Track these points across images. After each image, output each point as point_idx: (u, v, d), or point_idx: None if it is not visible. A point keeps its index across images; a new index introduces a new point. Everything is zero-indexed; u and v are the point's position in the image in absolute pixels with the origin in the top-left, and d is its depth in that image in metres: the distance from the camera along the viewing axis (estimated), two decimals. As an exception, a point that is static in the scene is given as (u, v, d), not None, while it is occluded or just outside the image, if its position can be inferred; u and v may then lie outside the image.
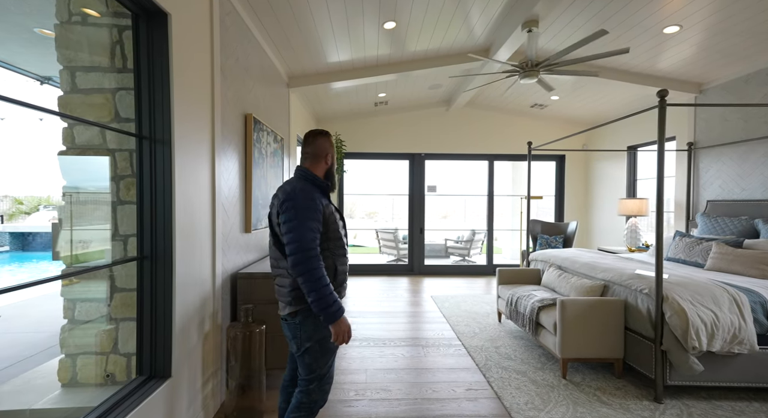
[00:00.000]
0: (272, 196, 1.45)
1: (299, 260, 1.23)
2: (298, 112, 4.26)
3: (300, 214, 1.27)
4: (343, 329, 1.28)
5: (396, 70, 3.76)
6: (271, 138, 2.90)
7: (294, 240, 1.25)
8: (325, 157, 1.46)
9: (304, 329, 1.35)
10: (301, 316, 1.34)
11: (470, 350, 2.80)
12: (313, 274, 1.23)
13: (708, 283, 2.23)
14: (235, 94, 2.27)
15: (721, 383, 2.10)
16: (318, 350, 1.35)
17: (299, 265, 1.23)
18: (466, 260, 7.16)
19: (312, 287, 1.23)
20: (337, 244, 1.41)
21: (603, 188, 5.51)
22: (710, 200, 3.70)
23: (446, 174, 9.98)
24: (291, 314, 1.36)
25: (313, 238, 1.28)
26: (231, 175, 2.21)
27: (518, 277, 3.44)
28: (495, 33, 3.26)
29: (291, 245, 1.25)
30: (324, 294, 1.23)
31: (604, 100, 4.73)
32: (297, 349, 1.38)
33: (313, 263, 1.24)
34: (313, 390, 1.37)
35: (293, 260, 1.24)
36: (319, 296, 1.23)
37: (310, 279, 1.23)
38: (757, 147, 3.28)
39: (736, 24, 2.74)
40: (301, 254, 1.24)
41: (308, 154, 1.46)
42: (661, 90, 2.08)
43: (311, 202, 1.31)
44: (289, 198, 1.30)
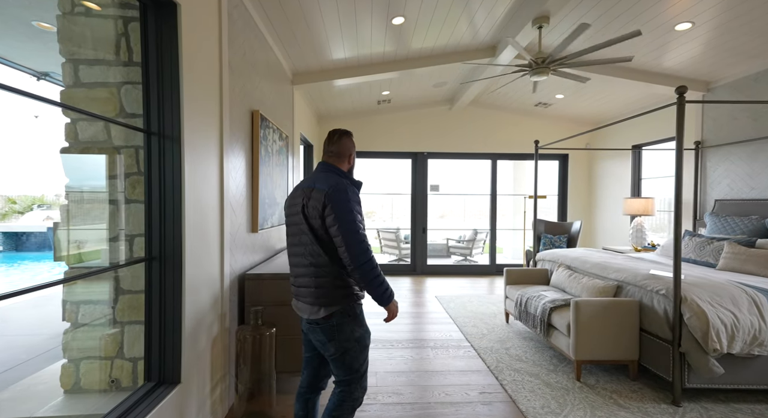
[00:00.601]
0: (299, 189, 1.39)
1: (360, 250, 1.25)
2: (301, 111, 4.19)
3: (353, 207, 1.28)
4: (396, 307, 1.38)
5: (402, 67, 3.70)
6: (276, 136, 2.84)
7: (353, 231, 1.26)
8: (348, 157, 1.46)
9: (343, 330, 1.33)
10: (337, 317, 1.33)
11: (480, 352, 2.75)
12: (372, 262, 1.27)
13: (725, 283, 2.19)
14: (242, 90, 2.21)
15: (739, 386, 2.07)
16: (357, 348, 1.36)
17: (361, 255, 1.25)
18: (468, 259, 7.13)
19: (373, 275, 1.27)
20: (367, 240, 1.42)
21: (607, 187, 5.48)
22: (718, 200, 3.67)
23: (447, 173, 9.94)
24: (327, 316, 1.32)
25: (364, 230, 1.31)
26: (238, 173, 2.14)
27: (526, 277, 3.40)
28: (504, 29, 3.21)
29: (350, 237, 1.25)
30: (382, 280, 1.30)
31: (608, 99, 4.70)
32: (335, 351, 1.35)
33: (371, 253, 1.28)
34: (356, 388, 1.38)
35: (353, 253, 1.24)
36: (379, 282, 1.28)
37: (371, 268, 1.26)
38: (766, 146, 3.26)
39: (749, 21, 2.71)
40: (361, 245, 1.25)
41: (332, 153, 1.45)
42: (680, 87, 2.03)
43: (357, 197, 1.34)
44: (339, 190, 1.29)
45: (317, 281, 1.32)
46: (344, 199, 1.27)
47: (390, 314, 1.36)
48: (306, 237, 1.33)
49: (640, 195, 4.97)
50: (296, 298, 1.41)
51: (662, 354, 2.14)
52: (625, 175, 5.10)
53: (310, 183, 1.35)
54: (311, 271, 1.33)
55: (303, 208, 1.33)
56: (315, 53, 3.32)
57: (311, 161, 5.01)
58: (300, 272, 1.37)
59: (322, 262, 1.31)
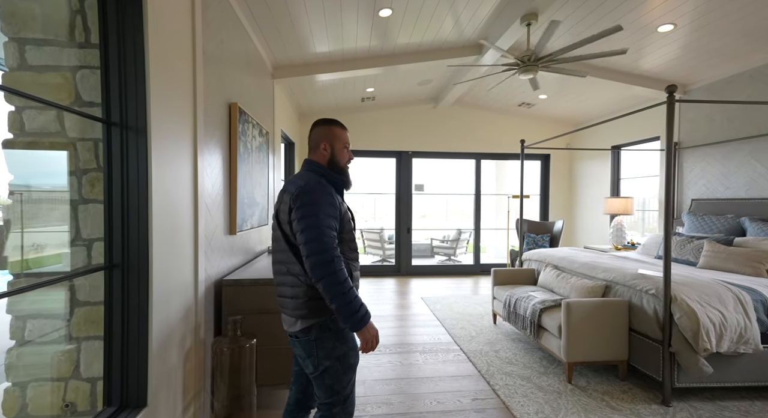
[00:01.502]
0: (280, 192, 1.27)
1: (321, 261, 1.09)
2: (282, 106, 4.01)
3: (318, 209, 1.13)
4: (372, 335, 1.15)
5: (386, 63, 3.59)
6: (256, 131, 2.67)
7: (313, 239, 1.10)
8: (321, 147, 1.30)
9: (322, 345, 1.19)
10: (316, 331, 1.19)
11: (470, 355, 2.68)
12: (337, 276, 1.08)
13: (711, 282, 2.21)
14: (218, 81, 2.03)
15: (725, 384, 2.08)
16: (339, 368, 1.20)
17: (321, 267, 1.08)
18: (452, 259, 7.11)
19: (337, 292, 1.08)
20: (350, 246, 1.27)
21: (587, 187, 5.58)
22: (695, 199, 3.78)
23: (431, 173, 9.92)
24: (304, 330, 1.19)
25: (334, 237, 1.14)
26: (214, 170, 1.97)
27: (513, 277, 3.37)
28: (491, 26, 3.16)
29: (310, 245, 1.10)
30: (350, 299, 1.09)
31: (589, 100, 4.77)
32: (314, 369, 1.21)
33: (337, 264, 1.10)
34: (338, 413, 1.22)
35: (313, 262, 1.09)
36: (345, 301, 1.09)
37: (335, 282, 1.08)
38: (742, 146, 3.37)
39: (728, 24, 2.77)
40: (322, 255, 1.09)
41: (309, 147, 1.35)
42: (670, 86, 2.03)
43: (330, 197, 1.18)
44: (305, 191, 1.16)
45: (294, 290, 1.19)
46: (310, 201, 1.13)
47: (363, 342, 1.14)
48: (282, 244, 1.23)
49: (619, 195, 5.08)
50: (280, 308, 1.29)
51: (652, 354, 2.14)
52: (605, 175, 5.20)
53: (286, 185, 1.25)
54: (289, 280, 1.21)
55: (277, 213, 1.24)
56: (298, 45, 3.16)
57: (293, 160, 4.82)
58: (280, 280, 1.25)
59: (297, 270, 1.18)
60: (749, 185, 3.29)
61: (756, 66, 3.22)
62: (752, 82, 3.26)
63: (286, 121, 4.32)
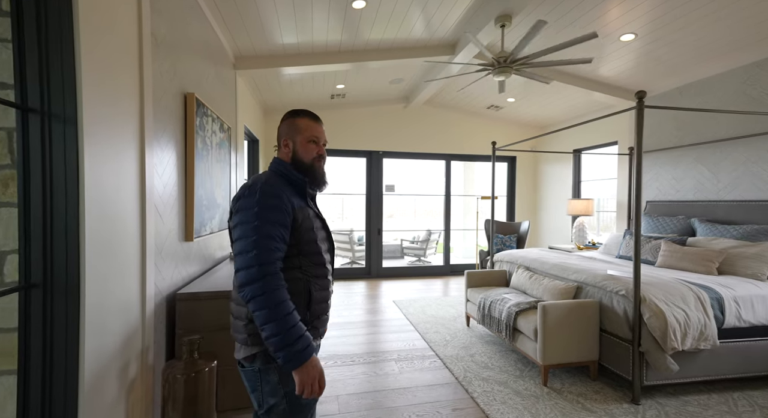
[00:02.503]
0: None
1: (250, 277, 0.91)
2: (245, 100, 3.73)
3: (256, 215, 0.94)
4: (312, 376, 0.91)
5: (358, 58, 3.45)
6: (217, 126, 2.42)
7: (244, 250, 0.93)
8: (283, 142, 1.12)
9: (267, 379, 1.00)
10: (260, 361, 1.00)
11: (446, 362, 2.62)
12: (269, 298, 0.89)
13: (673, 282, 2.31)
14: (172, 67, 1.79)
15: (685, 379, 2.17)
16: (286, 409, 1.00)
17: (250, 284, 0.90)
18: (422, 260, 7.11)
19: (267, 317, 0.88)
20: (312, 261, 1.06)
21: (551, 189, 5.79)
22: (649, 201, 4.01)
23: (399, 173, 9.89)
24: (248, 358, 1.00)
25: (273, 249, 0.94)
26: (167, 169, 1.73)
27: (486, 279, 3.37)
28: (465, 26, 3.13)
29: (238, 258, 0.94)
30: (284, 327, 0.89)
31: (552, 105, 4.93)
32: (258, 406, 1.03)
33: (270, 282, 0.90)
34: None
35: (241, 278, 0.92)
36: (277, 328, 0.88)
37: (265, 305, 0.89)
38: (689, 152, 3.62)
39: (680, 39, 2.94)
40: (252, 270, 0.91)
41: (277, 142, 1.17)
42: (639, 92, 2.08)
43: (275, 200, 0.98)
44: (245, 194, 0.98)
45: (238, 309, 1.02)
46: (249, 205, 0.95)
47: (299, 385, 0.90)
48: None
49: (580, 196, 5.31)
50: (231, 330, 1.09)
51: (622, 354, 2.19)
52: (567, 178, 5.42)
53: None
54: (236, 296, 1.03)
55: (229, 219, 1.06)
56: (263, 35, 2.93)
57: (257, 158, 4.53)
58: (233, 295, 1.07)
59: None
60: (696, 189, 3.54)
61: (703, 78, 3.47)
62: (701, 93, 3.51)
63: (250, 116, 4.04)
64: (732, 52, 3.05)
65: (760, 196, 3.00)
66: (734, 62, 3.15)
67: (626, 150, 4.34)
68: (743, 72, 3.14)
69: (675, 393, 2.21)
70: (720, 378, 2.23)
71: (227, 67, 2.99)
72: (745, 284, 2.40)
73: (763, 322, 2.28)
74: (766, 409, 2.06)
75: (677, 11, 2.61)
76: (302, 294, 1.02)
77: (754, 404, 2.11)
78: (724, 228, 3.00)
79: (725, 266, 2.73)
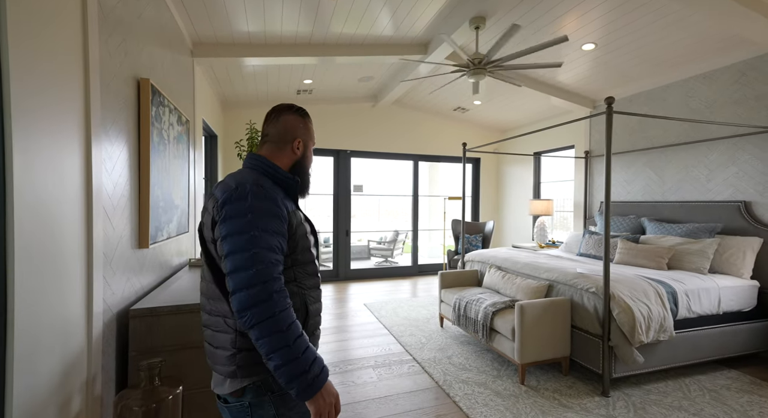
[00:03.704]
0: (206, 197, 0.93)
1: (253, 299, 0.76)
2: (202, 92, 3.42)
3: (253, 224, 0.81)
4: (329, 403, 0.80)
5: (328, 53, 3.31)
6: (174, 118, 2.16)
7: (242, 266, 0.78)
8: (292, 142, 0.98)
9: (259, 413, 0.86)
10: (252, 394, 0.85)
11: (425, 365, 2.58)
12: (277, 321, 0.77)
13: (635, 278, 2.46)
14: (122, 46, 1.54)
15: (646, 370, 2.32)
16: None
17: (253, 307, 0.76)
18: (389, 261, 7.08)
19: (276, 344, 0.76)
20: (307, 270, 0.95)
21: (513, 190, 6.03)
22: (603, 201, 4.29)
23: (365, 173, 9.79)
24: (236, 392, 0.86)
25: (275, 262, 0.82)
26: (118, 165, 1.48)
27: (459, 279, 3.39)
28: (439, 26, 3.12)
29: (237, 276, 0.78)
30: (296, 353, 0.77)
31: (515, 109, 5.13)
32: None
33: (278, 302, 0.78)
34: None
35: (242, 300, 0.77)
36: (289, 356, 0.76)
37: (273, 330, 0.76)
38: (639, 157, 3.92)
39: (632, 50, 3.16)
40: (255, 290, 0.77)
41: (267, 137, 0.99)
42: (608, 98, 2.18)
43: (273, 205, 0.85)
44: (234, 198, 0.83)
45: (221, 338, 0.86)
46: (242, 211, 0.81)
47: (316, 414, 0.79)
48: (207, 271, 0.89)
49: (540, 197, 5.58)
50: (207, 358, 0.93)
51: (592, 348, 2.28)
52: (528, 179, 5.67)
53: (215, 187, 0.91)
54: (214, 322, 0.88)
55: (201, 227, 0.91)
56: (225, 21, 2.69)
57: (215, 155, 4.19)
58: (205, 320, 0.91)
59: (224, 310, 0.86)
60: (645, 190, 3.84)
61: (651, 88, 3.77)
62: (648, 102, 3.82)
63: (208, 109, 3.72)
64: (677, 66, 3.34)
65: (699, 197, 3.32)
66: (678, 75, 3.46)
67: (582, 153, 4.62)
68: (685, 84, 3.45)
69: (637, 383, 2.36)
70: (674, 366, 2.41)
71: (184, 53, 2.70)
72: (692, 278, 2.63)
73: (707, 312, 2.51)
74: (713, 391, 2.26)
75: (634, 25, 2.79)
76: (300, 310, 0.90)
77: (703, 388, 2.31)
78: (671, 226, 3.28)
79: (673, 261, 2.98)
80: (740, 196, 3.02)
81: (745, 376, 2.46)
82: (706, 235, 3.02)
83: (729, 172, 3.11)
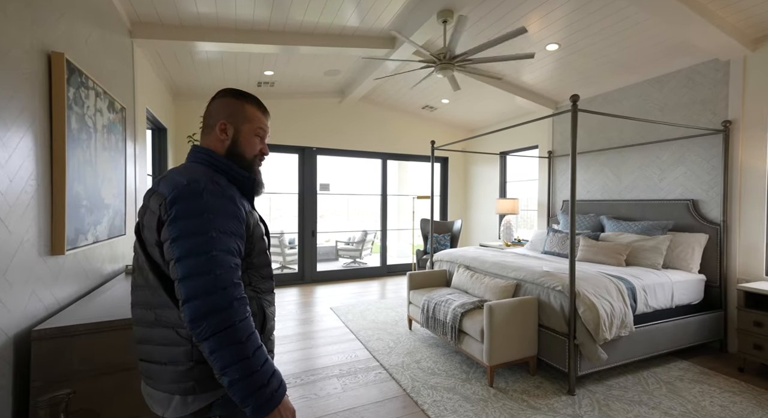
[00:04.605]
0: (146, 194, 0.80)
1: (213, 306, 0.69)
2: (147, 80, 3.08)
3: (210, 224, 0.73)
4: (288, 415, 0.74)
5: (290, 41, 3.09)
6: (104, 103, 1.87)
7: (198, 272, 0.70)
8: (216, 126, 0.87)
9: None
10: (221, 409, 0.78)
11: (392, 372, 2.46)
12: (238, 331, 0.70)
13: (597, 275, 2.49)
14: (24, 6, 1.27)
15: (608, 366, 2.35)
16: None
17: (212, 316, 0.69)
18: (357, 261, 6.92)
19: (235, 356, 0.69)
20: (262, 274, 0.88)
21: (480, 189, 6.09)
22: (565, 200, 4.42)
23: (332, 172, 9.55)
24: (201, 411, 0.76)
25: (235, 266, 0.75)
26: (16, 154, 1.22)
27: (428, 280, 3.31)
28: (406, 20, 3.02)
29: (191, 283, 0.70)
30: (257, 365, 0.71)
31: (481, 108, 5.16)
32: None
33: (239, 310, 0.72)
34: None
35: (199, 309, 0.69)
36: (250, 369, 0.70)
37: (232, 341, 0.69)
38: (597, 157, 4.06)
39: (594, 52, 3.25)
40: (215, 297, 0.70)
41: (202, 129, 0.91)
42: (573, 95, 2.17)
43: (231, 203, 0.78)
44: (186, 196, 0.74)
45: (170, 352, 0.76)
46: (196, 211, 0.73)
47: None
48: (148, 276, 0.78)
49: (506, 196, 5.67)
50: (144, 380, 0.81)
51: (559, 347, 2.27)
52: (494, 178, 5.75)
53: (156, 183, 0.80)
54: (159, 335, 0.77)
55: (139, 227, 0.80)
56: (169, -1, 2.41)
57: (164, 150, 3.83)
58: (143, 334, 0.80)
59: (174, 320, 0.76)
60: (603, 189, 3.98)
61: (609, 90, 3.91)
62: (606, 104, 3.95)
63: (156, 99, 3.37)
64: (634, 69, 3.48)
65: (652, 196, 3.47)
66: (634, 78, 3.61)
67: (546, 153, 4.72)
68: (640, 87, 3.60)
69: (600, 379, 2.39)
70: (633, 360, 2.47)
71: (120, 32, 2.39)
72: (649, 273, 2.72)
73: (662, 306, 2.60)
74: (669, 383, 2.33)
75: (596, 26, 2.84)
76: (257, 314, 0.84)
77: (660, 380, 2.38)
78: (627, 224, 3.41)
79: (630, 257, 3.08)
80: (689, 194, 3.19)
81: (695, 366, 2.58)
82: (659, 232, 3.16)
83: (679, 172, 3.27)
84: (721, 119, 2.98)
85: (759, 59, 2.75)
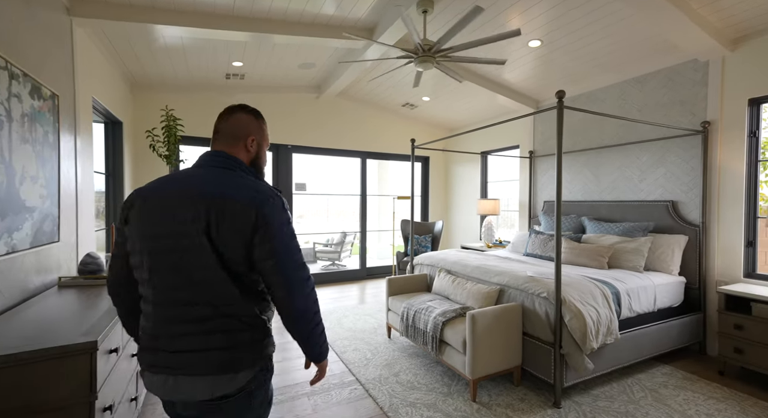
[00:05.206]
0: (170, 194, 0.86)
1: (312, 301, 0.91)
2: (95, 65, 2.76)
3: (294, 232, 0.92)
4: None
5: (258, 28, 2.85)
6: (23, 88, 1.58)
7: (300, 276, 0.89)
8: (246, 139, 0.98)
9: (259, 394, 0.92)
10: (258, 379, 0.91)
11: (369, 388, 2.27)
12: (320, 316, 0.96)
13: (581, 279, 2.40)
14: None
15: (593, 375, 2.25)
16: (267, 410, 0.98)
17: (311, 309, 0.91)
18: (336, 264, 6.69)
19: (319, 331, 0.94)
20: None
21: (461, 189, 6.00)
22: (546, 201, 4.37)
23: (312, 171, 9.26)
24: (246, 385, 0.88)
25: None
26: None
27: (407, 285, 3.15)
28: (384, 8, 2.83)
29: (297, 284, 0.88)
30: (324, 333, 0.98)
31: (462, 107, 5.05)
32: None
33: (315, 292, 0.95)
34: None
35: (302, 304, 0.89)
36: (324, 338, 0.98)
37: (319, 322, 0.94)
38: (578, 158, 4.02)
39: (577, 49, 3.17)
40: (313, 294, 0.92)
41: (218, 134, 0.97)
42: (559, 91, 2.06)
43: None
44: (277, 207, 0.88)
45: (231, 338, 0.86)
46: (285, 221, 0.89)
47: (321, 373, 1.03)
48: (208, 273, 0.84)
49: (487, 196, 5.59)
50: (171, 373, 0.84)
51: (544, 357, 2.16)
52: (476, 178, 5.67)
53: (213, 188, 0.85)
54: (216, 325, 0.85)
55: (207, 228, 0.83)
56: (115, -27, 2.12)
57: (120, 146, 3.48)
58: (182, 329, 0.85)
59: (241, 310, 0.87)
60: (584, 190, 3.94)
61: (591, 90, 3.87)
62: (588, 103, 3.91)
63: (107, 89, 3.03)
64: (615, 67, 3.43)
65: (633, 197, 3.45)
66: (616, 78, 3.57)
67: (527, 153, 4.66)
68: (621, 87, 3.57)
69: (585, 389, 2.29)
70: (618, 368, 2.39)
71: (53, 7, 2.08)
72: (631, 276, 2.66)
73: (645, 310, 2.54)
74: (654, 391, 2.26)
75: (579, 22, 2.76)
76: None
77: (644, 388, 2.31)
78: (608, 225, 3.36)
79: (612, 260, 3.02)
80: (668, 196, 3.17)
81: (677, 371, 2.53)
82: (640, 233, 3.12)
83: (659, 173, 3.25)
84: (700, 120, 2.97)
85: (737, 60, 2.74)
